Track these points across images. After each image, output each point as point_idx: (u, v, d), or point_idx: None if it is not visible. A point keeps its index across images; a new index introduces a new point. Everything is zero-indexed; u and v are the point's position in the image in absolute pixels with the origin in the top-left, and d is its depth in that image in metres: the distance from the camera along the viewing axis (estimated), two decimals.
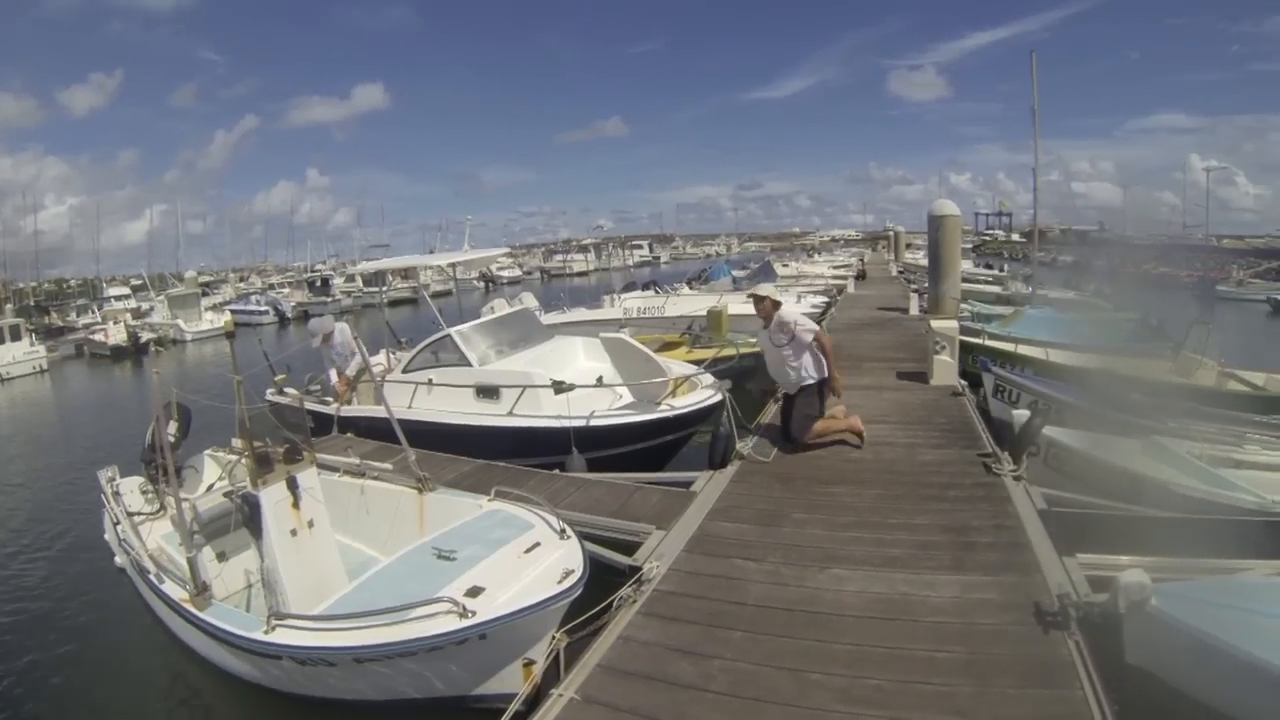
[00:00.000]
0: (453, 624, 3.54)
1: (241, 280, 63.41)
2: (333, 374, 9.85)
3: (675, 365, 8.20)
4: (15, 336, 30.34)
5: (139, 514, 6.38)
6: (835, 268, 31.69)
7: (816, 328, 6.81)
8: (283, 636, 3.96)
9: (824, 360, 6.75)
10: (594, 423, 7.06)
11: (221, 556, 5.66)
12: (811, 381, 6.73)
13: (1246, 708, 2.93)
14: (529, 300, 15.16)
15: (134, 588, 6.14)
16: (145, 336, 32.89)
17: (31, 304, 50.37)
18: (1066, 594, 3.73)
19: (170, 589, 4.95)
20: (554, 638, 3.92)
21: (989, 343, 10.83)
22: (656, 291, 19.01)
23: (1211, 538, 4.34)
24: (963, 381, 8.96)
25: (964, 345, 9.65)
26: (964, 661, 3.38)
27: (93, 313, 45.21)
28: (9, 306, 41.11)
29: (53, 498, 11.02)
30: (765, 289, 7.39)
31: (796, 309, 6.77)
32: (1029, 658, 3.37)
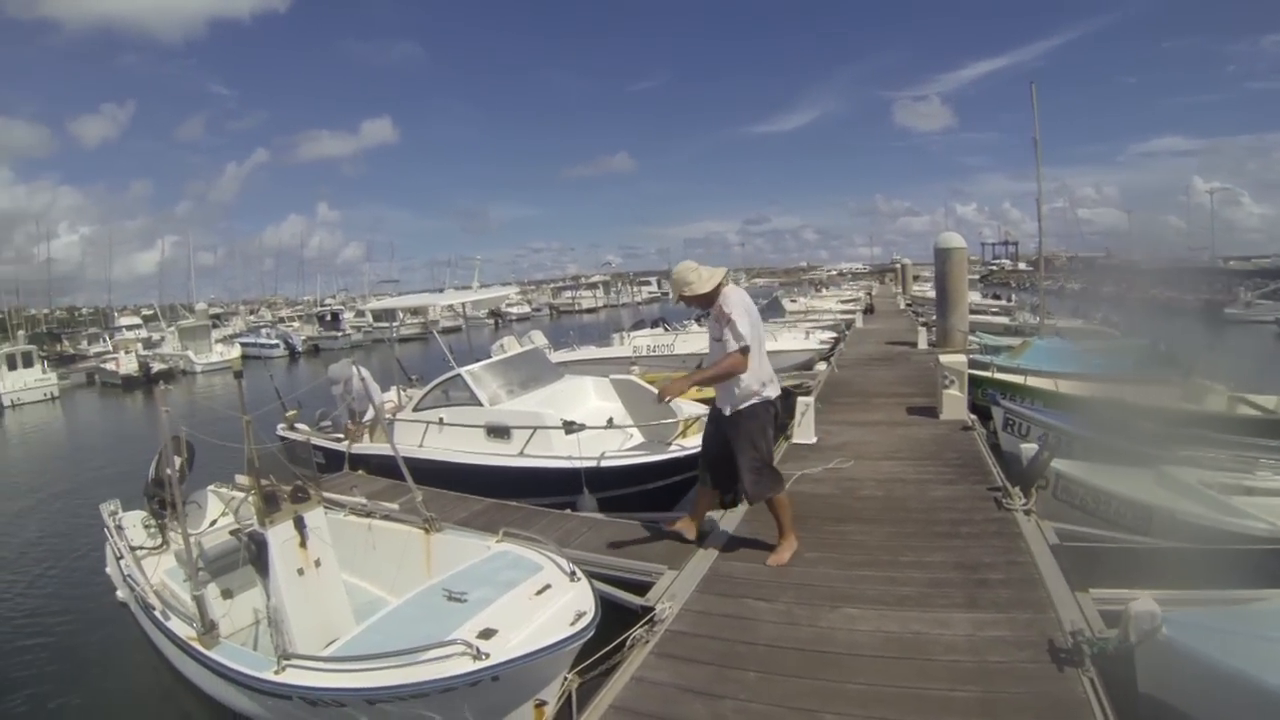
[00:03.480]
0: (466, 666, 3.54)
1: (252, 313, 64.05)
2: (347, 419, 9.93)
3: (685, 405, 8.21)
4: (27, 363, 31.03)
5: (141, 548, 6.39)
6: (843, 302, 31.86)
7: (744, 343, 4.91)
8: (293, 677, 3.95)
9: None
10: (605, 463, 7.10)
11: (227, 594, 5.67)
12: (755, 401, 5.09)
13: None
14: (538, 338, 15.24)
15: (136, 623, 6.13)
16: (156, 367, 33.45)
17: (43, 331, 51.17)
18: (1080, 630, 3.72)
19: (176, 626, 4.96)
20: (566, 679, 3.92)
21: (997, 375, 10.83)
22: (665, 329, 19.07)
23: (1224, 567, 4.34)
24: (972, 415, 8.94)
25: (973, 378, 9.65)
26: (978, 701, 3.36)
27: (104, 341, 45.91)
28: (21, 333, 42.00)
29: (57, 528, 11.18)
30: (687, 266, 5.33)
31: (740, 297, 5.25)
32: (1044, 696, 3.35)
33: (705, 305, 5.31)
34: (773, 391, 5.17)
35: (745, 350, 4.91)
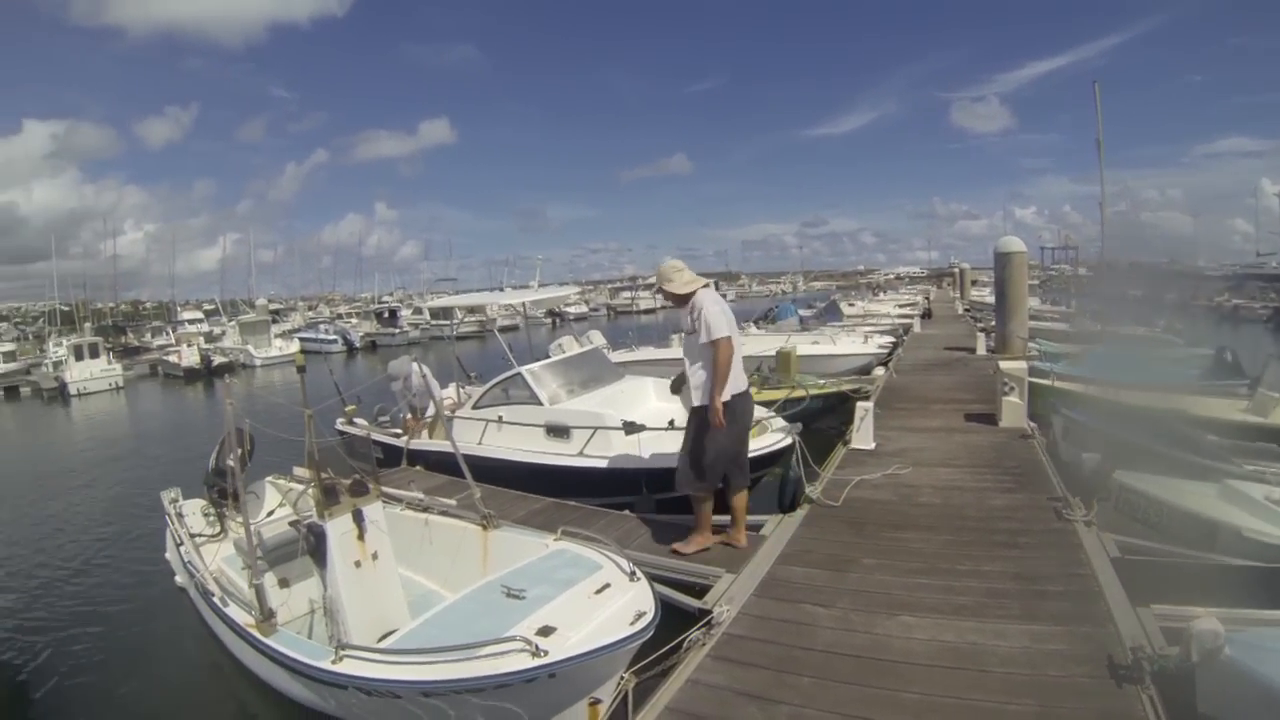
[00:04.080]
0: (524, 662, 3.55)
1: (310, 309, 65.16)
2: (407, 414, 10.09)
3: None
4: (94, 354, 32.48)
5: (200, 536, 6.59)
6: (901, 306, 31.49)
7: (724, 333, 5.34)
8: (351, 667, 4.01)
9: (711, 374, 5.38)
10: (665, 465, 7.10)
11: (283, 583, 5.76)
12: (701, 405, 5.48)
13: None
14: (597, 338, 15.26)
15: (194, 607, 6.30)
16: (217, 360, 34.64)
17: (109, 324, 53.15)
18: (1140, 646, 3.67)
19: (235, 612, 5.07)
20: (622, 678, 3.95)
21: (1057, 383, 10.68)
22: None
23: None
24: (1032, 423, 8.85)
25: (1032, 386, 9.54)
26: (1034, 715, 3.36)
27: (167, 335, 47.74)
28: (88, 326, 43.74)
29: (119, 512, 11.59)
30: (674, 265, 5.86)
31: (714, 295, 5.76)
32: (1101, 713, 3.34)
33: (679, 304, 5.73)
34: (742, 387, 5.59)
35: (725, 339, 5.33)
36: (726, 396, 5.34)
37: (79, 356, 31.98)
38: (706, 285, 5.77)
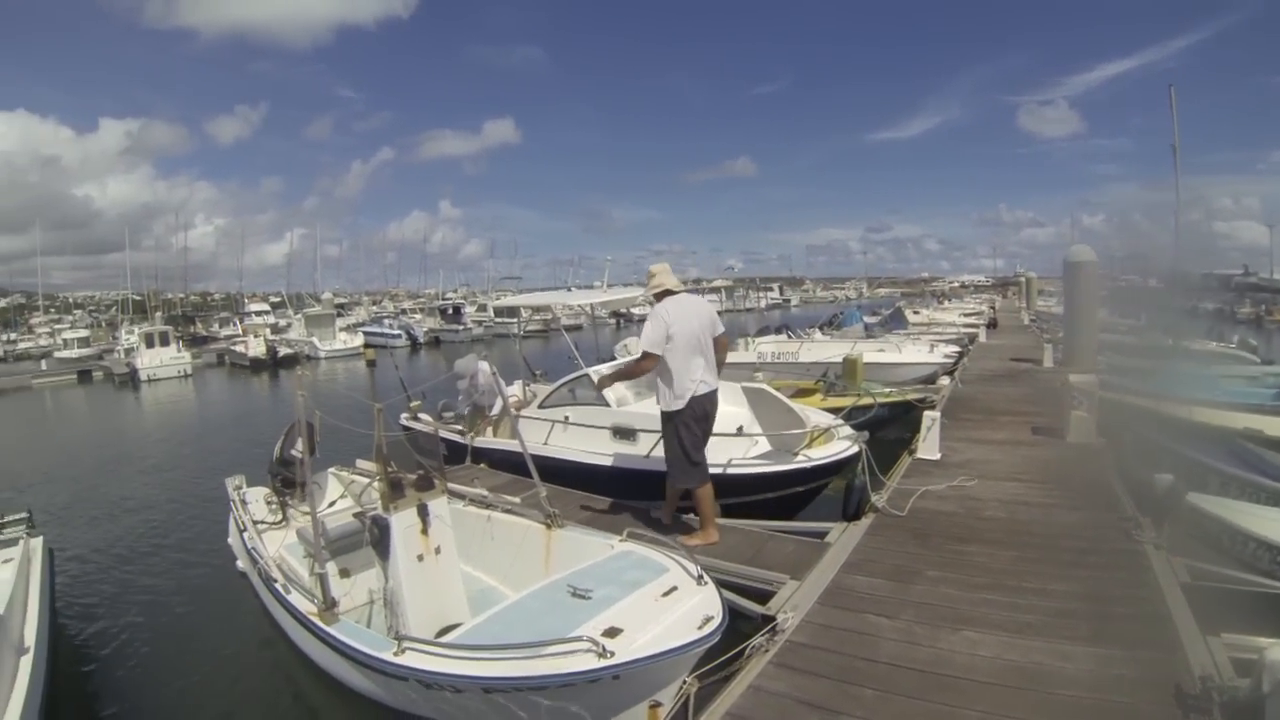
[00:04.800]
0: (590, 663, 3.58)
1: (375, 304, 66.52)
2: (471, 411, 10.24)
3: (814, 414, 8.22)
4: (164, 342, 33.98)
5: (263, 523, 6.82)
6: (966, 315, 31.06)
7: (642, 349, 6.04)
8: (413, 660, 4.07)
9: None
10: (731, 470, 7.15)
11: (344, 573, 5.91)
12: (678, 406, 5.99)
13: None
14: None
15: (254, 593, 6.49)
16: (282, 351, 35.66)
17: (179, 314, 55.38)
18: (1209, 676, 3.63)
19: (297, 600, 5.19)
20: (684, 682, 3.96)
21: (1128, 399, 10.48)
22: (790, 336, 19.03)
23: None
24: (1101, 439, 8.73)
25: (1102, 401, 9.39)
26: None
27: (234, 325, 49.69)
28: (158, 315, 45.63)
29: (183, 495, 12.00)
30: (661, 268, 6.49)
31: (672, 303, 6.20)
32: None
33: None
34: (699, 390, 5.96)
35: (644, 355, 5.98)
36: (678, 405, 5.93)
37: (150, 344, 33.47)
38: (673, 292, 6.28)
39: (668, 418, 6.07)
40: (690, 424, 6.00)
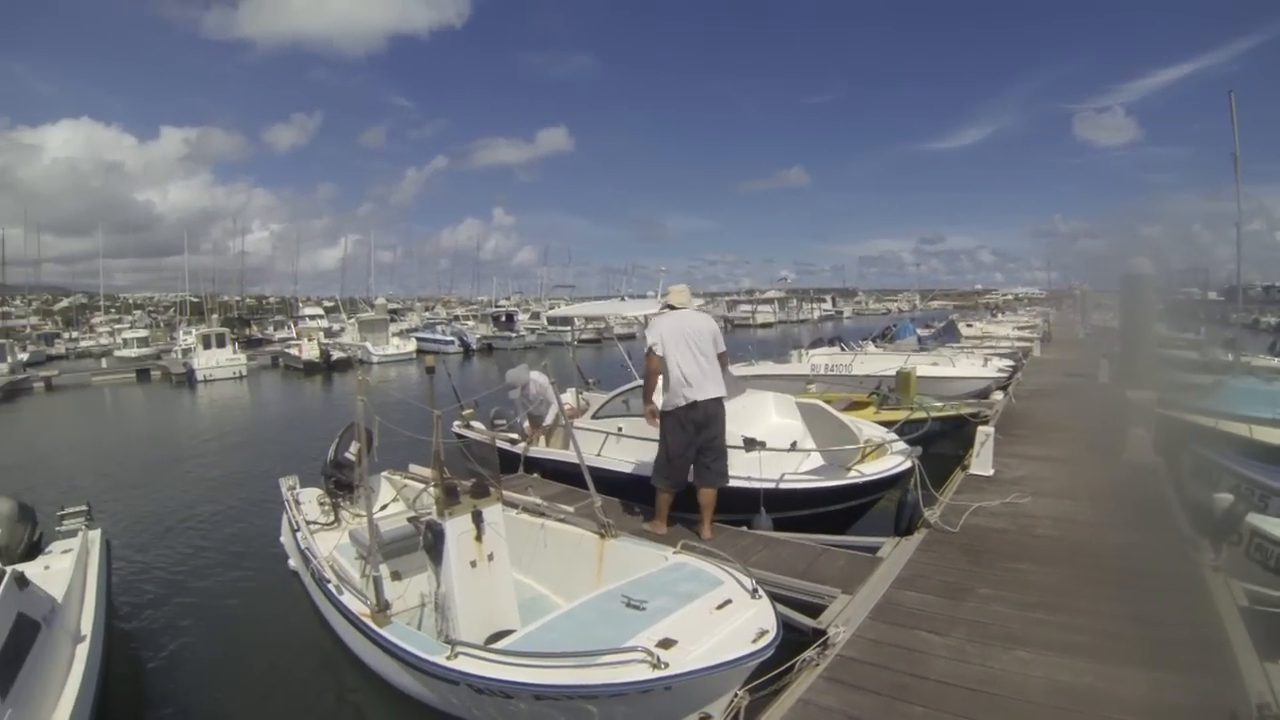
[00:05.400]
0: (644, 673, 3.60)
1: (428, 310, 67.32)
2: (525, 421, 10.30)
3: (867, 427, 8.20)
4: (221, 344, 35.14)
5: (315, 523, 6.96)
6: (1020, 328, 30.63)
7: (647, 345, 6.65)
8: (465, 664, 4.11)
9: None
10: (784, 485, 7.13)
11: (395, 576, 5.95)
12: (667, 409, 6.59)
13: None
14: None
15: (305, 592, 6.64)
16: (336, 355, 36.45)
17: (235, 316, 56.77)
18: (1267, 705, 3.56)
19: (350, 601, 5.30)
20: (735, 695, 3.99)
21: (1186, 416, 10.30)
22: (843, 348, 18.95)
23: None
24: (1158, 457, 8.61)
25: (1159, 418, 9.26)
26: None
27: (288, 328, 50.79)
28: (215, 317, 46.88)
29: (237, 493, 12.21)
30: (677, 289, 7.12)
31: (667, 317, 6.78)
32: None
33: None
34: (690, 397, 6.42)
35: (649, 351, 6.55)
36: (669, 407, 6.48)
37: (206, 345, 34.51)
38: (675, 309, 6.80)
39: (661, 417, 6.63)
40: (679, 427, 6.48)
